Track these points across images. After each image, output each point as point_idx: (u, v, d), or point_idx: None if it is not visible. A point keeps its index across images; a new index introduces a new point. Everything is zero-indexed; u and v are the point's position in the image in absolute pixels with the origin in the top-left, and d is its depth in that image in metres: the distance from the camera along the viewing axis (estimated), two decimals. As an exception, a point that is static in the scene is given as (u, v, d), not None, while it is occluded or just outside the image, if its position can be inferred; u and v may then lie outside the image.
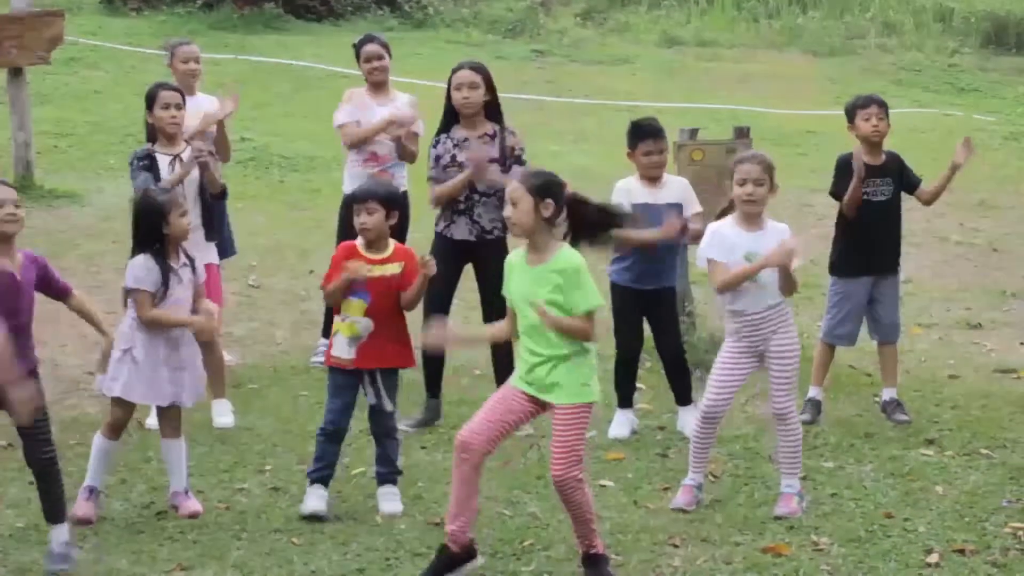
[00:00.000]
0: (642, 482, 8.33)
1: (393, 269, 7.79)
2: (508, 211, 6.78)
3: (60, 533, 7.17)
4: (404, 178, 10.54)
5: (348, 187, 10.46)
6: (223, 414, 9.36)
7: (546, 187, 6.76)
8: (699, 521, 7.68)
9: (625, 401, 9.32)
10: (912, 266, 13.77)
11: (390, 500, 7.87)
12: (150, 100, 9.28)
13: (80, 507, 7.71)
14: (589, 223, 6.85)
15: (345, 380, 7.86)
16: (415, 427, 9.26)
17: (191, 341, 7.90)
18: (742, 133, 10.93)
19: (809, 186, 16.19)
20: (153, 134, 9.42)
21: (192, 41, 10.99)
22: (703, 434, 7.95)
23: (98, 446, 7.87)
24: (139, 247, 7.78)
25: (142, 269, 7.70)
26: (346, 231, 10.62)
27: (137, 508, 7.92)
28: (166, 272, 7.71)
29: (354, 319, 7.78)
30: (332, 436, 7.87)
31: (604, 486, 8.21)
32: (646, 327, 9.38)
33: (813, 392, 9.61)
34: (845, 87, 23.13)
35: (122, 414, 7.87)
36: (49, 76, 19.87)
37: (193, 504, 7.82)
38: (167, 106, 9.20)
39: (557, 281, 6.70)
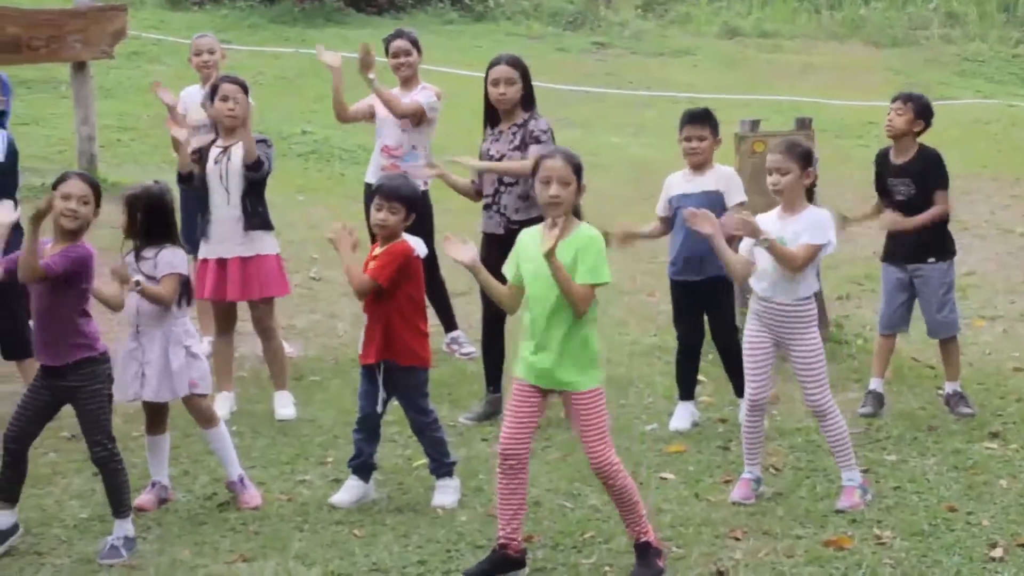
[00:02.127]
0: (703, 475, 8.30)
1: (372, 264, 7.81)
2: (556, 190, 6.68)
3: (120, 528, 7.25)
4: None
5: (370, 176, 10.62)
6: (285, 406, 9.40)
7: (581, 166, 6.82)
8: (760, 514, 7.64)
9: (687, 393, 9.30)
10: (976, 258, 13.69)
11: (442, 492, 7.89)
12: (212, 91, 9.35)
13: (139, 498, 7.80)
14: None
15: (366, 373, 7.90)
16: (475, 420, 9.26)
17: (162, 338, 7.77)
18: (804, 124, 10.87)
19: (871, 178, 16.07)
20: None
21: (208, 33, 11.02)
22: (752, 424, 7.94)
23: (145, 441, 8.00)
24: None
25: (181, 256, 7.83)
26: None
27: (199, 499, 7.96)
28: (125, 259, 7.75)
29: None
30: (358, 425, 7.93)
31: (665, 479, 8.19)
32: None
33: (874, 384, 9.54)
34: (907, 78, 23.02)
35: (146, 411, 7.94)
36: (112, 70, 20.01)
37: (251, 497, 7.87)
38: (225, 98, 9.24)
39: (573, 254, 6.68)
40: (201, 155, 9.35)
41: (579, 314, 6.70)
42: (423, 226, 10.11)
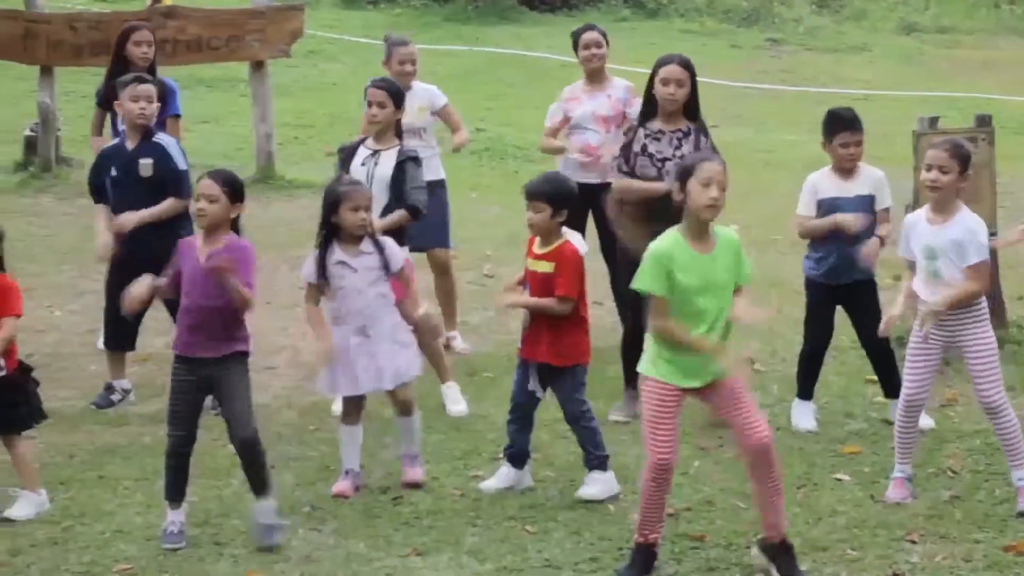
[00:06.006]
0: (879, 476, 8.18)
1: (544, 267, 7.82)
2: (717, 193, 6.63)
3: (264, 506, 7.39)
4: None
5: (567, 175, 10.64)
6: (456, 402, 9.41)
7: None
8: (937, 517, 7.53)
9: (806, 393, 9.14)
10: None
11: (589, 484, 7.88)
12: (365, 94, 9.38)
13: (336, 485, 8.01)
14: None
15: (522, 366, 8.00)
16: (628, 418, 9.16)
17: (387, 323, 7.97)
18: (984, 121, 10.67)
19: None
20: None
21: (410, 40, 10.99)
22: (906, 424, 7.85)
23: (339, 432, 8.13)
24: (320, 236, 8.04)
25: (308, 261, 8.00)
26: (574, 220, 10.64)
27: (374, 493, 8.04)
28: (324, 263, 7.88)
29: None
30: (512, 413, 8.05)
31: (840, 480, 8.10)
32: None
33: None
34: (1092, 74, 22.51)
35: (346, 404, 8.11)
36: (289, 69, 20.30)
37: (415, 473, 8.04)
38: (370, 104, 9.25)
39: (730, 262, 6.73)
40: (348, 153, 9.35)
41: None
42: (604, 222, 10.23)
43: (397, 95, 9.34)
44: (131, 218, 9.26)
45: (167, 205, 9.32)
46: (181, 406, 7.41)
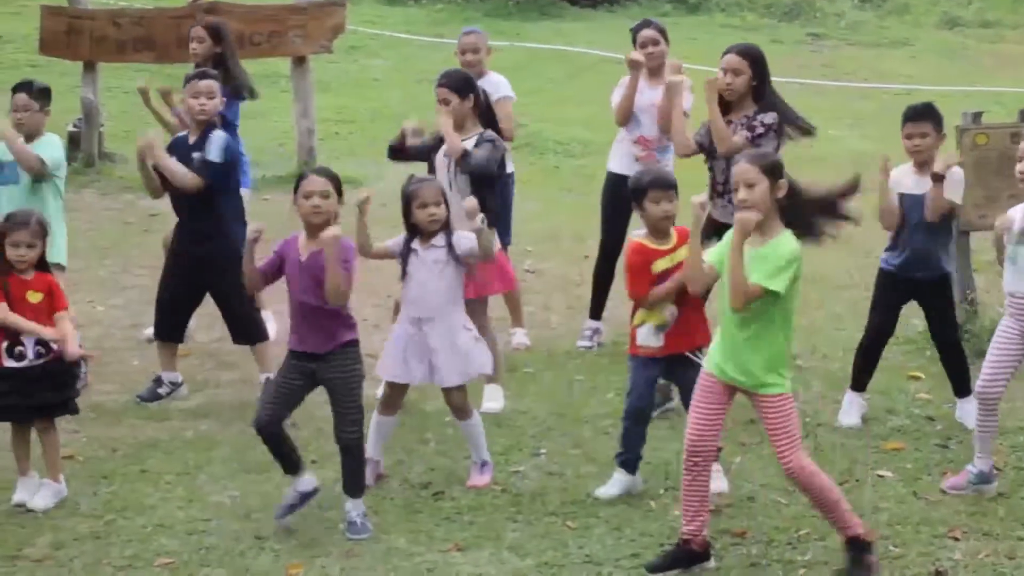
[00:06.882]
0: (921, 473, 8.16)
1: (684, 254, 7.77)
2: (744, 194, 6.59)
3: (356, 506, 7.46)
4: (670, 162, 10.44)
5: (615, 165, 10.50)
6: (492, 399, 9.36)
7: (777, 167, 6.69)
8: (981, 514, 7.50)
9: (859, 384, 9.08)
10: None
11: (717, 478, 7.77)
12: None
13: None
14: (802, 210, 6.75)
15: (651, 366, 7.83)
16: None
17: (444, 322, 8.00)
18: (1028, 116, 10.60)
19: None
20: None
21: (474, 30, 10.98)
22: (981, 418, 7.79)
23: (373, 420, 8.15)
24: None
25: (398, 237, 8.09)
26: (612, 209, 10.53)
27: (415, 488, 8.05)
28: (402, 253, 8.00)
29: (661, 307, 7.77)
30: (635, 418, 7.89)
31: (882, 476, 8.08)
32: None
33: None
34: None
35: (390, 391, 8.17)
36: (331, 64, 20.32)
37: (479, 478, 8.04)
38: (440, 103, 9.22)
39: (773, 262, 6.58)
40: (431, 147, 9.25)
41: (733, 306, 6.61)
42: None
43: (459, 86, 9.22)
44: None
45: (179, 168, 9.42)
46: (280, 389, 7.51)
